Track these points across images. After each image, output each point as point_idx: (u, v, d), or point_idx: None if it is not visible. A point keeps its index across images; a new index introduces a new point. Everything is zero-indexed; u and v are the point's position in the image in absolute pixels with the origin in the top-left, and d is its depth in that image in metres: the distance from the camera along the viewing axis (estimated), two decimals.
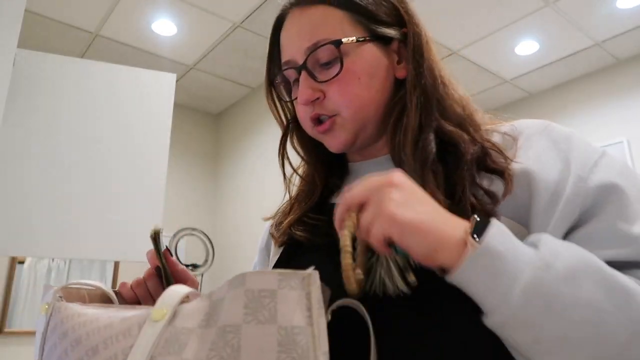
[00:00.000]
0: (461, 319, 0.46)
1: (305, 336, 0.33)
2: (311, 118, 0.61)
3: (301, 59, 0.60)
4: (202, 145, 4.15)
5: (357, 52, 0.59)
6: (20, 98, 1.85)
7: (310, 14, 0.61)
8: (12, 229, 1.74)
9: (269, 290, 0.35)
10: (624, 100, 3.41)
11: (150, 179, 1.98)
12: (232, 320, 0.35)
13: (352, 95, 0.59)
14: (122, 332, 0.41)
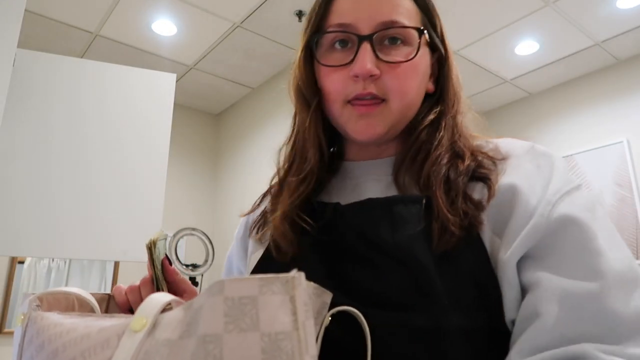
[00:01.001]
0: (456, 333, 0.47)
1: (290, 341, 0.32)
2: (357, 94, 0.56)
3: (368, 29, 0.56)
4: (202, 145, 4.15)
5: (423, 49, 0.59)
6: (20, 98, 1.85)
7: None
8: (12, 229, 1.74)
9: (249, 297, 0.34)
10: (624, 100, 3.41)
11: (150, 179, 1.98)
12: (212, 329, 0.33)
13: (408, 87, 0.57)
14: (100, 344, 0.39)
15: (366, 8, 0.57)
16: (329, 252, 0.55)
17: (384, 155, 0.63)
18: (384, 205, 0.54)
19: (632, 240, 3.16)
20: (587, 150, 3.48)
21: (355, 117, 0.58)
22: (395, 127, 0.59)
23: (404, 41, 0.57)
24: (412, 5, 0.60)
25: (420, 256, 0.49)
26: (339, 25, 0.58)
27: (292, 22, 2.95)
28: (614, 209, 3.27)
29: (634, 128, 3.32)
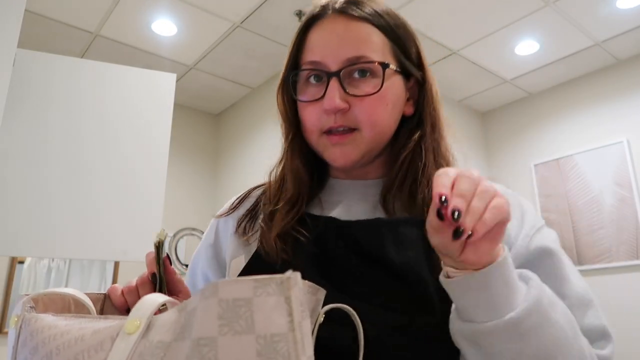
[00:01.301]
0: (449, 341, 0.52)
1: (286, 343, 0.32)
2: (331, 127, 0.61)
3: (336, 66, 0.60)
4: (202, 145, 4.15)
5: (392, 79, 0.62)
6: (20, 98, 1.85)
7: (357, 28, 0.61)
8: (12, 229, 1.74)
9: (244, 299, 0.33)
10: (624, 100, 3.41)
11: (150, 178, 1.98)
12: (207, 332, 0.33)
13: (378, 117, 0.61)
14: (94, 347, 0.39)
15: (334, 45, 0.61)
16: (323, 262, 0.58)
17: (368, 177, 0.67)
18: (391, 224, 0.59)
19: (632, 240, 3.16)
20: (587, 150, 3.48)
21: (330, 146, 0.62)
22: (370, 152, 0.63)
23: (372, 73, 0.61)
24: (381, 38, 0.62)
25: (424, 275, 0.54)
26: (310, 63, 0.62)
27: (292, 22, 2.95)
28: (614, 209, 3.27)
29: (634, 128, 3.32)
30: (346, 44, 0.60)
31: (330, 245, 0.60)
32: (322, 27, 0.63)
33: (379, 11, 0.63)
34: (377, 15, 0.62)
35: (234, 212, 0.73)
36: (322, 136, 0.62)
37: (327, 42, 0.62)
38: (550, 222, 3.57)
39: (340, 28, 0.62)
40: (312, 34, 0.64)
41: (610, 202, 3.29)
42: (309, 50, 0.63)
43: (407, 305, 0.54)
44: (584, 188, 3.44)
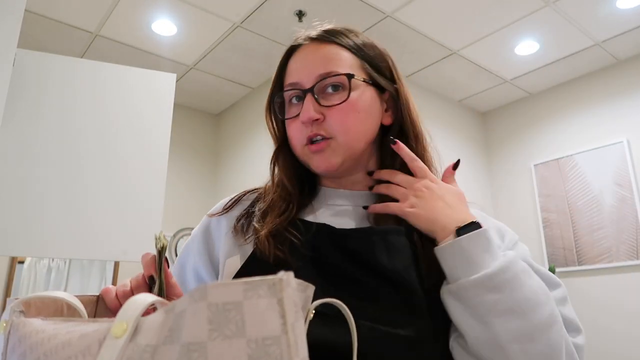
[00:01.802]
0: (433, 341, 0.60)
1: (278, 346, 0.32)
2: (308, 137, 0.68)
3: (309, 83, 0.68)
4: (202, 145, 4.15)
5: (361, 90, 0.69)
6: (20, 98, 1.85)
7: (326, 49, 0.70)
8: (12, 229, 1.74)
9: (234, 303, 0.33)
10: (624, 100, 3.41)
11: (150, 178, 1.98)
12: (196, 337, 0.33)
13: (350, 124, 0.67)
14: (82, 351, 0.38)
15: (308, 66, 0.69)
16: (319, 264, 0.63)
17: (355, 188, 0.73)
18: (382, 234, 0.65)
19: (632, 241, 3.16)
20: (587, 150, 3.48)
21: (311, 155, 0.69)
22: (350, 157, 0.69)
23: (343, 87, 0.68)
24: (349, 56, 0.70)
25: (413, 282, 0.60)
26: (289, 85, 0.71)
27: (292, 22, 2.95)
28: (614, 209, 3.27)
29: (634, 128, 3.32)
30: (317, 63, 0.69)
31: (324, 251, 0.64)
32: (298, 54, 0.72)
33: (348, 35, 0.72)
34: (345, 37, 0.71)
35: (227, 213, 0.77)
36: (304, 148, 0.69)
37: (302, 65, 0.70)
38: (550, 222, 3.57)
39: (312, 51, 0.70)
40: (291, 61, 0.72)
41: (610, 202, 3.29)
42: (289, 74, 0.72)
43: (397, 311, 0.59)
44: (584, 188, 3.44)
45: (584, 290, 3.35)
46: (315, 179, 0.76)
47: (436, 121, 3.80)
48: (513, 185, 3.90)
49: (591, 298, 3.31)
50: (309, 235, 0.65)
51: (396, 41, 3.17)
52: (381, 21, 2.96)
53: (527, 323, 0.55)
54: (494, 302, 0.56)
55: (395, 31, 3.06)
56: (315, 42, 0.71)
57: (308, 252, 0.64)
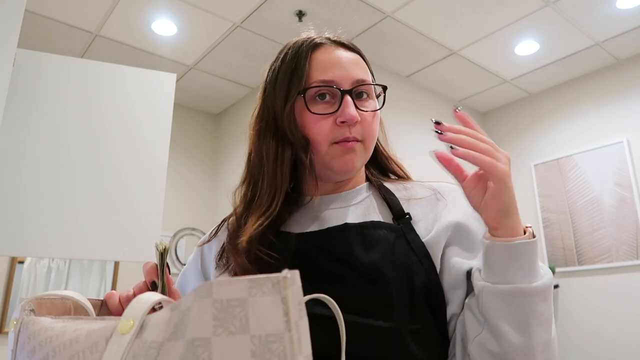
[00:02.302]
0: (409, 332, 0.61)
1: (281, 343, 0.32)
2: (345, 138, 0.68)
3: (348, 85, 0.69)
4: (202, 145, 4.15)
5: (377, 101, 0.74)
6: (20, 98, 1.85)
7: (356, 57, 0.73)
8: (12, 229, 1.74)
9: (238, 299, 0.33)
10: (624, 100, 3.41)
11: (150, 179, 1.98)
12: (201, 333, 0.33)
13: (375, 131, 0.72)
14: (89, 348, 0.39)
15: (344, 67, 0.70)
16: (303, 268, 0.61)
17: (339, 190, 0.75)
18: (357, 229, 0.67)
19: (632, 241, 3.16)
20: (587, 150, 3.48)
21: (340, 153, 0.69)
22: (365, 162, 0.73)
23: (369, 95, 0.72)
24: (366, 65, 0.75)
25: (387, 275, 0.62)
26: (322, 81, 0.69)
27: (292, 22, 2.95)
28: (614, 209, 3.27)
29: (634, 128, 3.32)
30: (353, 67, 0.70)
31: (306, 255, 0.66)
32: (327, 51, 0.71)
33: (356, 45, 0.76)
34: (357, 47, 0.75)
35: (215, 238, 0.79)
36: (332, 146, 0.69)
37: (337, 64, 0.70)
38: (550, 222, 3.57)
39: (344, 54, 0.72)
40: (317, 57, 0.71)
41: (610, 202, 3.29)
42: (319, 70, 0.70)
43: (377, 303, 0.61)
44: (584, 188, 3.44)
45: (584, 290, 3.35)
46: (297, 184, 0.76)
47: None
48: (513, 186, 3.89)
49: (591, 298, 3.31)
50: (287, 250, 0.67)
51: (396, 41, 3.17)
52: (381, 21, 2.96)
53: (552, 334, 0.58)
54: (542, 312, 0.56)
55: (395, 31, 3.06)
56: (343, 47, 0.73)
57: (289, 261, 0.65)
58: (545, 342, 0.56)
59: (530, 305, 0.55)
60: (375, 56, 3.33)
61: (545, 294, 0.56)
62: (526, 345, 0.55)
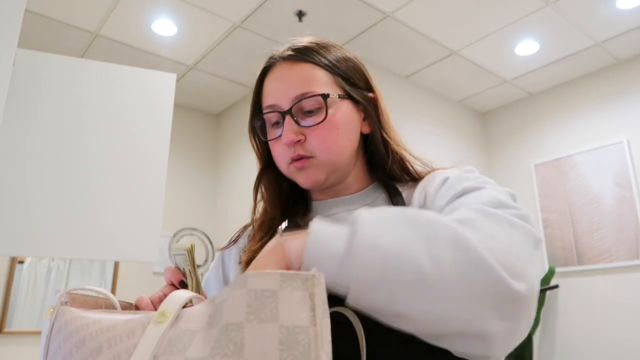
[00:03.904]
0: None
1: (307, 335, 0.34)
2: (292, 157, 0.69)
3: (287, 105, 0.69)
4: (202, 145, 4.15)
5: (337, 106, 0.70)
6: (20, 98, 1.85)
7: (300, 69, 0.71)
8: (12, 229, 1.74)
9: (270, 291, 0.36)
10: (624, 100, 3.41)
11: (150, 179, 1.98)
12: (235, 319, 0.36)
13: (331, 142, 0.69)
14: (126, 333, 0.41)
15: (283, 87, 0.70)
16: None
17: (346, 193, 0.75)
18: None
19: (632, 241, 3.16)
20: (587, 150, 3.48)
21: (296, 172, 0.71)
22: (334, 172, 0.71)
23: (320, 106, 0.69)
24: (324, 74, 0.71)
25: None
26: (267, 107, 0.72)
27: (292, 22, 2.95)
28: (614, 209, 3.27)
29: (634, 128, 3.32)
30: (292, 84, 0.69)
31: None
32: (272, 75, 0.73)
33: (320, 51, 0.72)
34: (318, 55, 0.72)
35: (235, 244, 0.82)
36: (289, 166, 0.71)
37: (278, 87, 0.71)
38: (550, 222, 3.57)
39: (286, 72, 0.71)
40: (266, 82, 0.73)
41: (610, 202, 3.29)
42: (266, 95, 0.72)
43: None
44: (584, 188, 3.44)
45: (584, 290, 3.35)
46: (307, 193, 0.79)
47: (436, 121, 3.80)
48: (513, 186, 3.90)
49: (591, 298, 3.31)
50: None
51: (396, 41, 3.17)
52: (381, 21, 2.96)
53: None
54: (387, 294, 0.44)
55: (395, 31, 3.06)
56: (289, 62, 0.72)
57: None
58: None
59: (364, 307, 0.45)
60: (375, 56, 3.33)
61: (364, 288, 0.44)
62: None
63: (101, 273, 3.44)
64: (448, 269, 0.43)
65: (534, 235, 0.51)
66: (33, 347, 3.06)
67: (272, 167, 0.77)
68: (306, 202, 0.78)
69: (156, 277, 3.57)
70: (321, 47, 0.73)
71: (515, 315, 0.45)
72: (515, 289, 0.44)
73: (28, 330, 3.10)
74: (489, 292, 0.44)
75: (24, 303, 3.15)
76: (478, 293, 0.43)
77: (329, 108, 0.69)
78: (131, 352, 0.40)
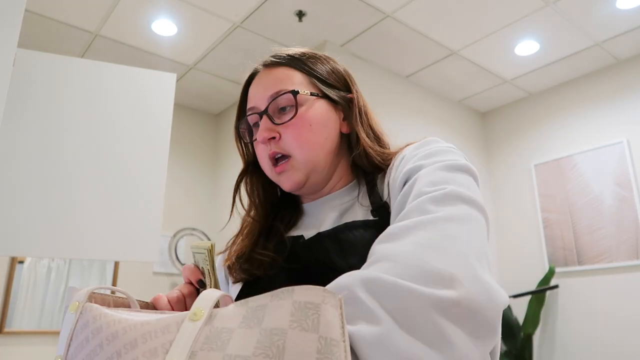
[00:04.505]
0: None
1: (339, 349, 0.37)
2: (269, 156, 0.72)
3: (263, 105, 0.73)
4: (202, 145, 4.15)
5: (310, 104, 0.73)
6: (20, 98, 1.85)
7: (275, 72, 0.75)
8: (12, 229, 1.74)
9: (313, 304, 0.39)
10: (624, 100, 3.41)
11: (150, 179, 1.98)
12: (279, 324, 0.38)
13: (304, 138, 0.71)
14: (161, 329, 0.42)
15: (260, 90, 0.74)
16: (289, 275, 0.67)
17: (333, 190, 0.77)
18: (331, 235, 0.66)
19: (632, 241, 3.16)
20: (587, 150, 3.48)
21: (277, 176, 0.73)
22: (314, 171, 0.73)
23: (294, 105, 0.72)
24: (299, 75, 0.75)
25: None
26: (249, 110, 0.76)
27: (292, 22, 2.95)
28: (614, 209, 3.27)
29: (634, 128, 3.32)
30: (268, 86, 0.74)
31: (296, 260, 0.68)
32: (254, 82, 0.77)
33: (296, 55, 0.77)
34: (293, 59, 0.76)
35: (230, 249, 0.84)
36: (272, 170, 0.73)
37: (257, 90, 0.75)
38: (550, 222, 3.57)
39: (265, 76, 0.76)
40: (249, 89, 0.78)
41: (610, 202, 3.29)
42: (248, 101, 0.77)
43: None
44: (584, 188, 3.44)
45: (584, 291, 3.35)
46: (298, 199, 0.81)
47: (436, 121, 3.80)
48: (513, 185, 3.90)
49: (591, 298, 3.31)
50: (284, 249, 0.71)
51: (396, 41, 3.17)
52: (381, 21, 2.96)
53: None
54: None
55: (395, 31, 3.06)
56: (268, 68, 0.76)
57: (284, 264, 0.69)
58: None
59: None
60: (375, 56, 3.33)
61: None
62: None
63: (101, 273, 3.44)
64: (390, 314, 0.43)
65: (464, 212, 0.52)
66: (33, 347, 3.06)
67: (260, 172, 0.79)
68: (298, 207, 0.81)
69: (156, 277, 3.57)
70: (302, 54, 0.78)
71: (463, 322, 0.43)
72: (444, 297, 0.42)
73: (28, 330, 3.10)
74: (427, 314, 0.42)
75: (24, 303, 3.15)
76: (419, 319, 0.42)
77: (300, 105, 0.71)
78: (167, 348, 0.40)
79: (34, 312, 3.17)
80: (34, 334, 3.10)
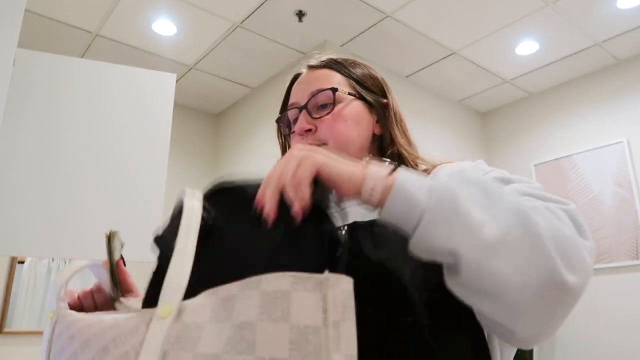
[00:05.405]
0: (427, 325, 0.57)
1: (317, 336, 0.35)
2: None
3: (304, 101, 0.80)
4: (202, 145, 4.15)
5: (347, 102, 0.79)
6: (20, 98, 1.85)
7: (317, 72, 0.83)
8: (12, 229, 1.74)
9: (282, 292, 0.37)
10: (624, 100, 3.41)
11: (150, 179, 1.98)
12: (248, 317, 0.37)
13: (339, 131, 0.76)
14: (130, 331, 0.41)
15: (302, 87, 0.82)
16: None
17: None
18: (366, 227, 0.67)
19: (632, 240, 3.16)
20: (587, 150, 3.48)
21: None
22: None
23: (331, 102, 0.78)
24: (339, 76, 0.82)
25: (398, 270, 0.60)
26: (290, 105, 0.83)
27: (292, 22, 2.95)
28: (614, 209, 3.27)
29: (634, 128, 3.32)
30: (310, 84, 0.81)
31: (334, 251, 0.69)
32: (297, 81, 0.85)
33: (338, 59, 0.84)
34: (334, 62, 0.84)
35: None
36: None
37: (299, 87, 0.83)
38: None
39: (307, 76, 0.84)
40: (293, 87, 0.85)
41: (610, 202, 3.29)
42: (290, 98, 0.84)
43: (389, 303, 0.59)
44: (584, 188, 3.44)
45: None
46: None
47: (436, 121, 3.80)
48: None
49: (591, 298, 3.31)
50: None
51: (396, 41, 3.17)
52: (381, 21, 2.96)
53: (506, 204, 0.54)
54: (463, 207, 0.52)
55: (395, 31, 3.06)
56: (312, 69, 0.84)
57: None
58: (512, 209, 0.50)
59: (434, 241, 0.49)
60: (375, 56, 3.33)
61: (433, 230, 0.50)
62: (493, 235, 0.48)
63: None
64: (512, 244, 0.48)
65: (586, 230, 0.55)
66: (33, 347, 3.06)
67: None
68: None
69: None
70: (343, 59, 0.85)
71: (558, 303, 0.49)
72: (567, 280, 0.48)
73: (28, 330, 3.10)
74: (542, 277, 0.48)
75: (24, 303, 3.15)
76: (531, 275, 0.47)
77: (338, 102, 0.78)
78: (138, 350, 0.40)
79: (34, 312, 3.17)
80: (34, 334, 3.10)
